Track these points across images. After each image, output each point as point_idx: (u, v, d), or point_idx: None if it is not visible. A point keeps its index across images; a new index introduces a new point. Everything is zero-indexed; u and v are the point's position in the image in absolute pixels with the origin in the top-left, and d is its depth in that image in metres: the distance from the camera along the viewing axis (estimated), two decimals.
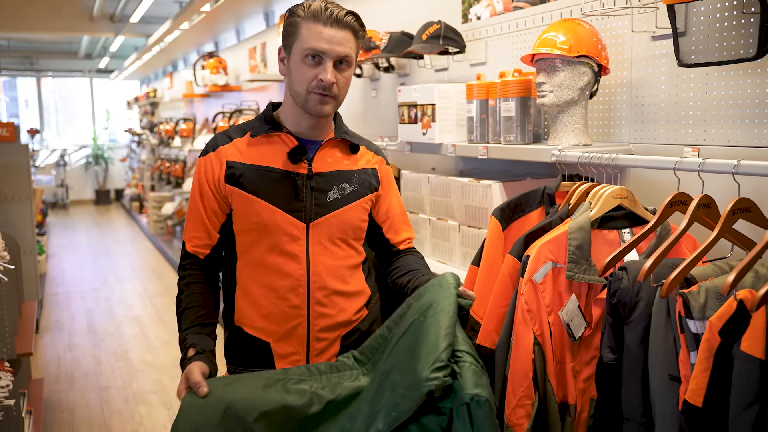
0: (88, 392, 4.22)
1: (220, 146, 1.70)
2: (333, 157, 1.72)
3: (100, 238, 9.93)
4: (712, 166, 1.48)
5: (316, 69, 1.60)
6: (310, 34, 1.58)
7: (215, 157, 1.69)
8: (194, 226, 1.73)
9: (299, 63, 1.61)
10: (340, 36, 1.59)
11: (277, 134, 1.69)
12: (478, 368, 1.38)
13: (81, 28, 9.45)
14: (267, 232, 1.66)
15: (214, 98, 7.87)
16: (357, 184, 1.73)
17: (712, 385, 1.31)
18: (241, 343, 1.73)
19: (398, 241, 1.82)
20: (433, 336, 1.37)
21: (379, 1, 3.69)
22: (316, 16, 1.58)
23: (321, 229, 1.68)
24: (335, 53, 1.59)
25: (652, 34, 1.97)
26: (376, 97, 3.76)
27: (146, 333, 5.37)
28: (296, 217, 1.66)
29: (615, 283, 1.53)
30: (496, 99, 2.28)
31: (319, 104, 1.62)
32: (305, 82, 1.60)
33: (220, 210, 1.70)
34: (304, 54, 1.59)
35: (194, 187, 1.73)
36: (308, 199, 1.66)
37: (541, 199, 1.93)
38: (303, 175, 1.67)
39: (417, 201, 2.70)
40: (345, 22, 1.60)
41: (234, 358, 1.76)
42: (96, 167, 14.40)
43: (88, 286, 6.96)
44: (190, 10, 5.84)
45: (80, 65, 14.30)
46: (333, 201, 1.68)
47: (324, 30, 1.58)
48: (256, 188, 1.65)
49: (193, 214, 1.73)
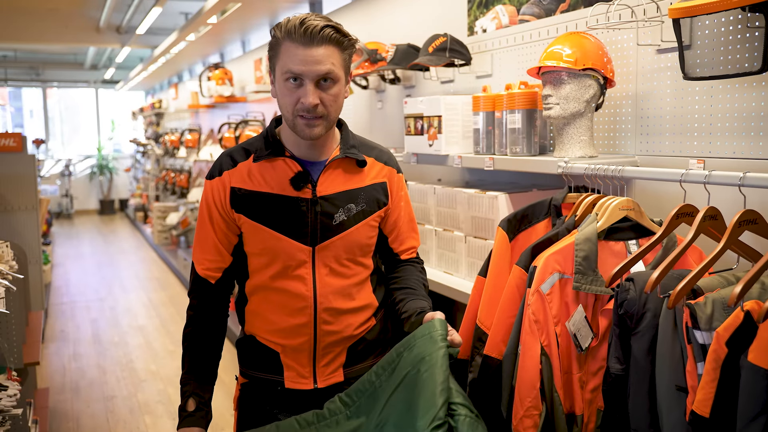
0: (93, 402, 4.23)
1: (225, 170, 1.67)
2: (338, 178, 1.67)
3: (104, 247, 9.96)
4: (718, 178, 1.49)
5: (297, 91, 1.53)
6: (288, 56, 1.52)
7: (220, 183, 1.67)
8: (205, 248, 1.70)
9: (282, 85, 1.55)
10: (319, 54, 1.50)
11: (280, 158, 1.65)
12: (473, 419, 1.43)
13: (88, 39, 9.53)
14: (274, 258, 1.66)
15: (219, 109, 7.92)
16: (364, 203, 1.69)
17: (720, 395, 1.32)
18: (252, 349, 1.76)
19: (401, 251, 1.83)
20: (430, 392, 1.42)
21: (385, 14, 3.73)
22: (291, 35, 1.50)
23: (327, 251, 1.66)
24: (314, 73, 1.51)
25: (657, 47, 1.99)
26: (381, 108, 3.78)
27: (151, 343, 5.38)
28: (302, 242, 1.64)
29: (622, 294, 1.54)
30: (502, 111, 2.30)
31: (306, 128, 1.56)
32: (290, 106, 1.55)
33: (231, 233, 1.69)
34: (284, 77, 1.54)
35: (202, 210, 1.70)
36: (314, 224, 1.64)
37: (548, 210, 1.94)
38: (308, 200, 1.63)
39: (423, 212, 2.72)
40: (322, 38, 1.50)
41: (246, 361, 1.79)
42: (101, 177, 14.46)
43: (93, 295, 6.98)
44: (197, 22, 5.89)
45: (86, 76, 14.39)
46: (339, 223, 1.66)
47: (299, 51, 1.50)
48: (261, 215, 1.64)
49: (203, 237, 1.70)
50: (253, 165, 1.65)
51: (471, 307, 1.96)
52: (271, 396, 1.74)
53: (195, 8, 7.86)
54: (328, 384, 1.71)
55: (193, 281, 1.74)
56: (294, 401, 1.71)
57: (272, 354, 1.71)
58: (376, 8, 3.82)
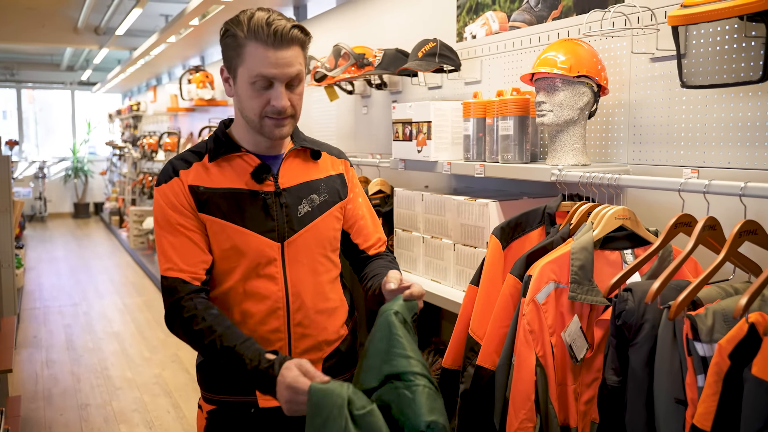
0: (66, 410, 4.12)
1: (180, 170, 1.58)
2: (297, 169, 1.65)
3: (78, 252, 9.78)
4: (718, 188, 1.47)
5: (266, 93, 1.50)
6: (256, 59, 1.47)
7: (177, 184, 1.57)
8: (179, 248, 1.54)
9: (247, 88, 1.51)
10: (289, 55, 1.48)
11: (237, 154, 1.60)
12: (433, 391, 1.33)
13: (65, 39, 9.37)
14: (241, 257, 1.57)
15: (199, 112, 7.82)
16: (326, 193, 1.67)
17: (721, 409, 1.30)
18: (219, 373, 1.64)
19: (368, 246, 1.76)
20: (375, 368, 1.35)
21: (372, 18, 3.69)
22: (259, 36, 1.46)
23: (296, 246, 1.61)
24: (286, 76, 1.49)
25: (651, 55, 1.98)
26: (367, 113, 3.74)
27: (126, 350, 5.27)
28: (270, 237, 1.58)
29: (620, 305, 1.51)
30: (493, 117, 2.27)
31: (275, 129, 1.54)
32: (258, 108, 1.52)
33: (202, 232, 1.57)
34: (251, 80, 1.49)
35: (164, 214, 1.56)
36: (280, 217, 1.59)
37: (542, 218, 1.92)
38: (271, 192, 1.59)
39: (410, 219, 2.68)
40: (291, 39, 1.48)
41: (212, 384, 1.67)
42: (75, 180, 14.23)
43: (67, 300, 6.83)
44: (178, 24, 5.81)
45: (62, 77, 14.17)
46: (304, 215, 1.62)
47: (269, 53, 1.46)
48: (225, 212, 1.56)
49: (175, 237, 1.54)
50: (209, 164, 1.60)
51: (463, 317, 1.93)
52: (244, 420, 1.64)
53: (175, 10, 7.77)
54: None
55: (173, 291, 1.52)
56: (268, 423, 1.63)
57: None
58: (363, 12, 3.79)
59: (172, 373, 4.73)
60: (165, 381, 4.57)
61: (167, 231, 1.56)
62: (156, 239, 1.59)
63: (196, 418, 1.74)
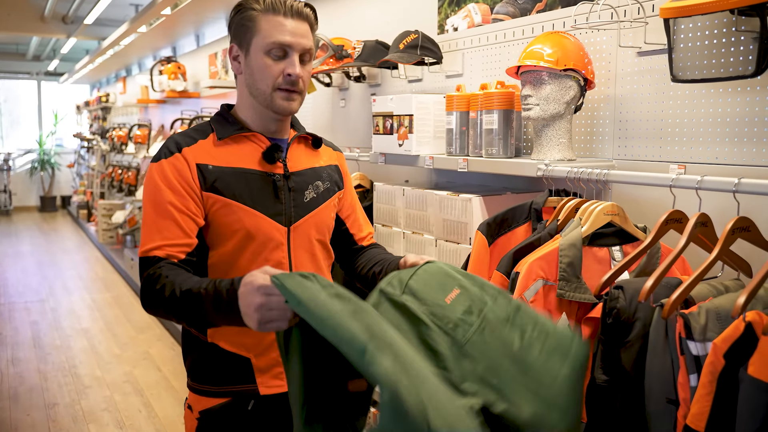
0: (33, 410, 3.99)
1: (184, 147, 1.51)
2: (303, 155, 1.66)
3: (45, 246, 9.55)
4: (711, 184, 1.45)
5: (281, 63, 1.51)
6: (272, 27, 1.50)
7: (182, 159, 1.49)
8: (163, 230, 1.45)
9: (262, 59, 1.51)
10: (303, 28, 1.53)
11: (246, 134, 1.57)
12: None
13: (31, 28, 9.12)
14: (250, 241, 1.52)
15: (170, 104, 7.68)
16: (328, 182, 1.67)
17: (715, 409, 1.27)
18: (216, 361, 1.57)
19: (362, 237, 1.77)
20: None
21: (351, 9, 3.63)
22: (276, 8, 1.51)
23: (301, 232, 1.59)
24: (301, 46, 1.52)
25: (638, 49, 1.95)
26: (344, 107, 3.68)
27: (95, 347, 5.15)
28: (278, 221, 1.55)
29: (611, 303, 1.48)
30: (477, 111, 2.23)
31: (285, 101, 1.54)
32: (271, 79, 1.51)
33: (198, 212, 1.49)
34: (267, 48, 1.50)
35: (157, 191, 1.48)
36: (287, 201, 1.57)
37: (528, 214, 1.88)
38: (281, 175, 1.57)
39: (390, 214, 2.63)
40: (305, 14, 1.54)
41: (207, 377, 1.58)
42: (42, 173, 13.90)
43: (33, 296, 6.66)
44: (150, 14, 5.67)
45: (28, 67, 13.83)
46: (310, 201, 1.61)
47: (286, 21, 1.51)
48: (235, 192, 1.51)
49: (161, 218, 1.46)
50: (217, 143, 1.55)
51: None
52: (240, 418, 1.57)
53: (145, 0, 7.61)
54: None
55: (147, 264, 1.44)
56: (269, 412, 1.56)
57: (241, 362, 1.55)
58: (342, 3, 3.72)
59: (144, 371, 4.62)
60: (136, 379, 4.47)
61: (154, 209, 1.48)
62: (142, 216, 1.52)
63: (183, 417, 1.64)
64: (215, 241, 1.53)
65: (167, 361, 4.76)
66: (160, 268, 1.41)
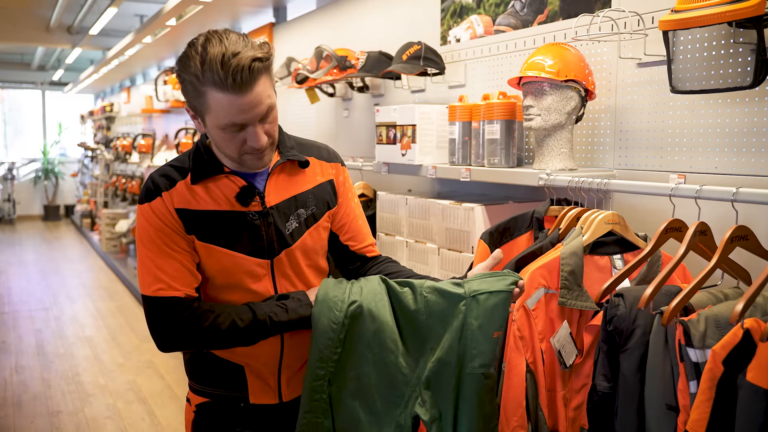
0: (37, 417, 4.01)
1: (164, 191, 1.50)
2: (284, 184, 1.58)
3: (49, 255, 9.58)
4: (710, 193, 1.47)
5: (241, 135, 1.42)
6: (222, 108, 1.37)
7: (162, 203, 1.49)
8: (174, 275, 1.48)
9: (219, 134, 1.43)
10: (256, 94, 1.37)
11: (221, 175, 1.52)
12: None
13: (37, 39, 9.18)
14: (231, 276, 1.54)
15: (174, 114, 7.72)
16: (314, 206, 1.61)
17: (715, 415, 1.29)
18: (212, 366, 1.61)
19: (361, 248, 1.71)
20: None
21: (355, 20, 3.67)
22: (218, 83, 1.34)
23: (286, 262, 1.58)
24: (257, 116, 1.40)
25: (638, 60, 1.98)
26: (348, 117, 3.71)
27: (99, 355, 5.16)
28: (259, 256, 1.54)
29: (612, 310, 1.50)
30: (479, 121, 2.25)
31: (257, 161, 1.48)
32: (234, 150, 1.44)
33: (192, 249, 1.52)
34: (222, 127, 1.40)
35: (148, 234, 1.49)
36: (268, 236, 1.55)
37: (530, 223, 1.90)
38: (257, 213, 1.53)
39: (394, 223, 2.65)
40: (255, 76, 1.35)
41: (203, 378, 1.63)
42: (46, 182, 13.95)
43: (37, 305, 6.68)
44: (155, 24, 5.72)
45: (33, 77, 13.90)
46: (293, 231, 1.58)
47: (236, 101, 1.35)
48: (212, 235, 1.51)
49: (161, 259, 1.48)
50: (193, 186, 1.52)
51: None
52: (234, 414, 1.63)
53: (149, 10, 7.66)
54: (294, 397, 1.62)
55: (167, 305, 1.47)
56: (258, 417, 1.62)
57: (236, 369, 1.60)
58: (345, 15, 3.76)
59: (147, 379, 4.63)
60: (139, 387, 4.48)
61: (153, 252, 1.49)
62: (139, 257, 1.52)
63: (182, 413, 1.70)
64: (205, 275, 1.56)
65: (171, 369, 4.77)
66: (199, 306, 1.49)
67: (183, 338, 1.48)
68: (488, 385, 1.43)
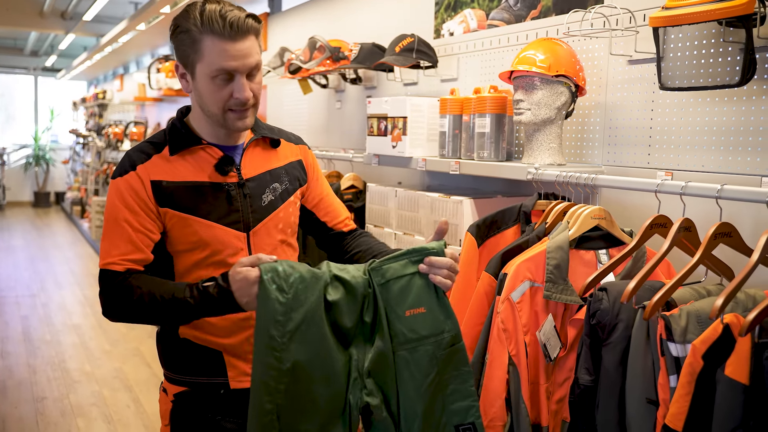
0: (21, 403, 4.00)
1: (139, 165, 1.55)
2: (259, 158, 1.65)
3: (38, 241, 9.53)
4: (695, 189, 1.48)
5: (228, 86, 1.50)
6: (215, 53, 1.46)
7: (136, 177, 1.54)
8: (120, 246, 1.52)
9: (208, 84, 1.50)
10: (247, 46, 1.48)
11: (198, 147, 1.58)
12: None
13: (30, 23, 9.11)
14: (209, 249, 1.56)
15: (167, 102, 7.69)
16: (287, 181, 1.68)
17: (693, 409, 1.30)
18: (189, 354, 1.62)
19: (337, 223, 1.77)
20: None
21: (349, 12, 3.66)
22: (215, 30, 1.45)
23: (261, 235, 1.61)
24: (246, 67, 1.49)
25: (629, 57, 1.99)
26: (340, 108, 3.71)
27: (86, 342, 5.15)
28: (235, 228, 1.58)
29: (595, 304, 1.51)
30: (470, 115, 2.26)
31: (238, 120, 1.54)
32: (220, 102, 1.51)
33: (154, 228, 1.54)
34: (212, 75, 1.48)
35: (115, 208, 1.54)
36: (244, 207, 1.59)
37: (517, 216, 1.91)
38: (234, 183, 1.58)
39: (382, 215, 2.66)
40: (247, 29, 1.48)
41: (180, 366, 1.64)
42: (36, 168, 13.87)
43: (24, 291, 6.65)
44: (149, 11, 5.69)
45: (25, 62, 13.80)
46: (267, 204, 1.62)
47: (229, 46, 1.46)
48: (189, 206, 1.54)
49: (117, 235, 1.52)
50: (171, 157, 1.57)
51: None
52: (214, 401, 1.62)
53: None
54: None
55: (108, 278, 1.51)
56: (239, 404, 1.61)
57: (214, 354, 1.60)
58: (339, 6, 3.75)
59: (133, 367, 4.63)
60: (125, 375, 4.47)
61: (112, 225, 1.54)
62: (102, 230, 1.57)
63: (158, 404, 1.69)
64: (178, 251, 1.58)
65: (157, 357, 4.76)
66: (129, 281, 1.51)
67: (118, 310, 1.53)
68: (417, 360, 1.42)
